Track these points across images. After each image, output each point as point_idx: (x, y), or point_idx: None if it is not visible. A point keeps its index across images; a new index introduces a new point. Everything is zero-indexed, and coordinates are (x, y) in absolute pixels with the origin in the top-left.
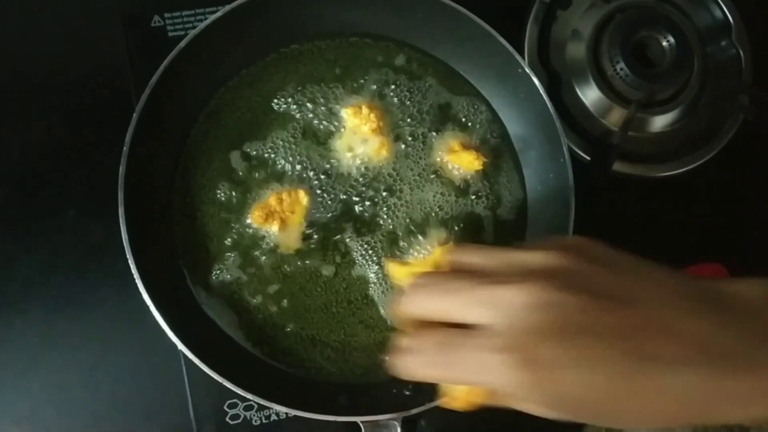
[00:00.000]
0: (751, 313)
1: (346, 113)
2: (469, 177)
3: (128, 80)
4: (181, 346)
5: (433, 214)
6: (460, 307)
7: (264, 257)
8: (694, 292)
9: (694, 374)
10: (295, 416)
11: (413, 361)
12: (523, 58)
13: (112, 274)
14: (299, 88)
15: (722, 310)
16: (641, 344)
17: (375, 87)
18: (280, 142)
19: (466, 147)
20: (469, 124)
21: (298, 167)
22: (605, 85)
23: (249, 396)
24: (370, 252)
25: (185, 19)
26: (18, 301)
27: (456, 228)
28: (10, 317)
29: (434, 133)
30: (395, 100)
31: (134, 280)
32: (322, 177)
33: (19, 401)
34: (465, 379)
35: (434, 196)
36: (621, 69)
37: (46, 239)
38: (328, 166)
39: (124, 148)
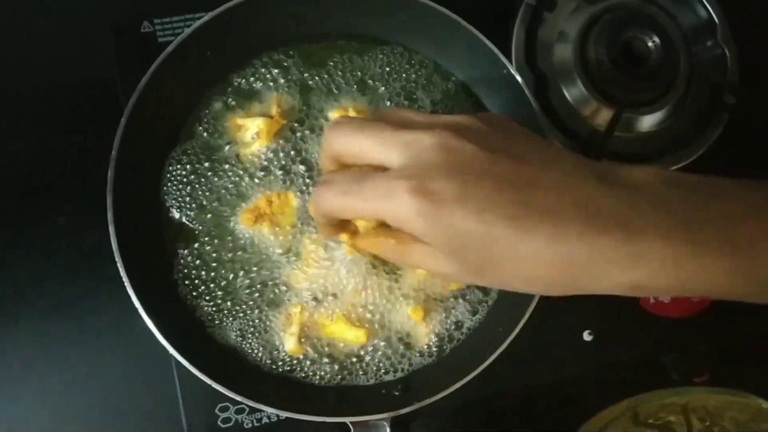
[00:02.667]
0: (638, 188)
1: (333, 116)
2: None
3: (118, 85)
4: (172, 351)
5: None
6: (375, 146)
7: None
8: (590, 166)
9: (574, 231)
10: (286, 419)
11: (328, 191)
12: (510, 60)
13: (104, 280)
14: (286, 91)
15: (610, 183)
16: (529, 196)
17: (363, 89)
18: (271, 145)
19: None
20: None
21: (288, 170)
22: (592, 85)
23: (239, 399)
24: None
25: (175, 25)
26: (10, 308)
27: None
28: (2, 325)
29: None
30: (386, 102)
31: (125, 285)
32: (308, 181)
33: (12, 408)
34: (371, 206)
35: None
36: (607, 69)
37: (38, 245)
38: (317, 169)
39: (113, 153)
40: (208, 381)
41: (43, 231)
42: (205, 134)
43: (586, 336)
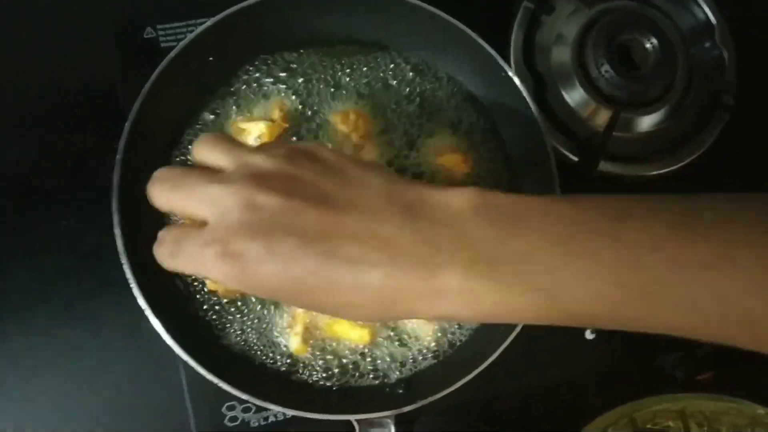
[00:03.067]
0: (447, 220)
1: (334, 120)
2: (458, 180)
3: (121, 90)
4: (179, 351)
5: None
6: (188, 203)
7: None
8: (400, 199)
9: (380, 273)
10: (292, 418)
11: (160, 251)
12: (509, 62)
13: (110, 282)
14: (288, 95)
15: (418, 216)
16: (335, 246)
17: (363, 93)
18: None
19: (453, 151)
20: (458, 127)
21: None
22: (590, 87)
23: (246, 397)
24: None
25: (177, 30)
26: (17, 310)
27: None
28: (9, 327)
29: (422, 138)
30: (384, 104)
31: (131, 287)
32: None
33: (20, 410)
34: (191, 269)
35: None
36: (606, 71)
37: (44, 248)
38: None
39: (117, 156)
40: (216, 380)
41: (46, 233)
42: None
43: (588, 335)
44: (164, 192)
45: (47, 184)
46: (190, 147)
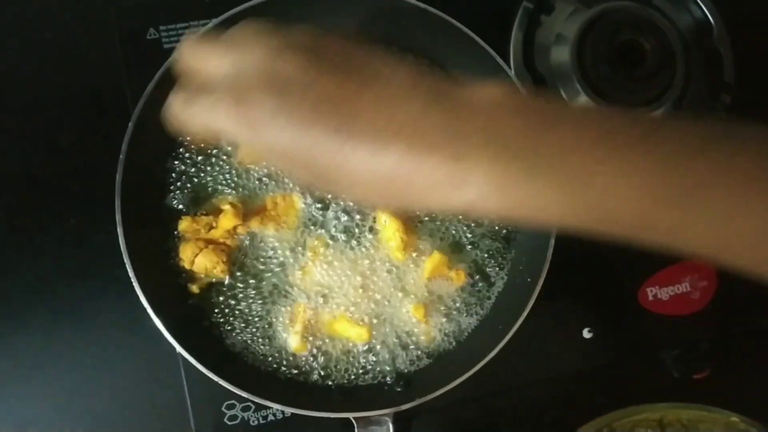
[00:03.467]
0: (476, 109)
1: None
2: None
3: (125, 90)
4: (180, 349)
5: None
6: (212, 60)
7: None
8: (423, 84)
9: (395, 154)
10: (292, 416)
11: (173, 104)
12: (509, 63)
13: (114, 281)
14: None
15: (443, 103)
16: (351, 118)
17: None
18: None
19: None
20: None
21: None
22: (590, 87)
23: (245, 395)
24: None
25: (180, 32)
26: (22, 308)
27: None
28: (14, 325)
29: None
30: None
31: (133, 286)
32: None
33: (22, 407)
34: (203, 124)
35: None
36: (605, 71)
37: (49, 247)
38: None
39: (120, 156)
40: (216, 378)
41: (53, 233)
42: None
43: (586, 333)
44: (196, 47)
45: (54, 184)
46: (190, 150)
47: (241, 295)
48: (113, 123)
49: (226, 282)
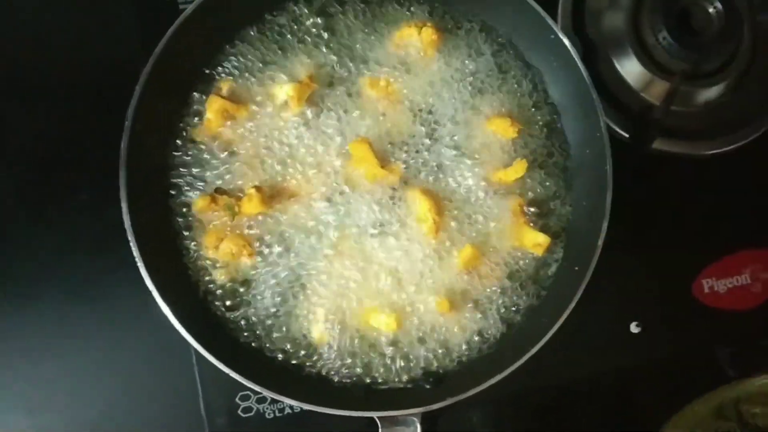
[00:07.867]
0: None
1: (363, 83)
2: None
3: (139, 58)
4: (188, 337)
5: None
6: None
7: None
8: None
9: None
10: (309, 411)
11: None
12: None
13: (126, 263)
14: (319, 48)
15: None
16: None
17: (404, 53)
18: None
19: (501, 114)
20: (506, 90)
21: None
22: (646, 56)
23: (258, 389)
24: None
25: None
26: (34, 283)
27: None
28: (25, 303)
29: (471, 100)
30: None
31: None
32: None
33: (33, 390)
34: None
35: None
36: (663, 38)
37: (61, 220)
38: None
39: (126, 123)
40: (226, 369)
41: (67, 206)
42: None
43: (633, 328)
44: None
45: (67, 158)
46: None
47: (258, 284)
48: (127, 96)
49: (250, 264)
